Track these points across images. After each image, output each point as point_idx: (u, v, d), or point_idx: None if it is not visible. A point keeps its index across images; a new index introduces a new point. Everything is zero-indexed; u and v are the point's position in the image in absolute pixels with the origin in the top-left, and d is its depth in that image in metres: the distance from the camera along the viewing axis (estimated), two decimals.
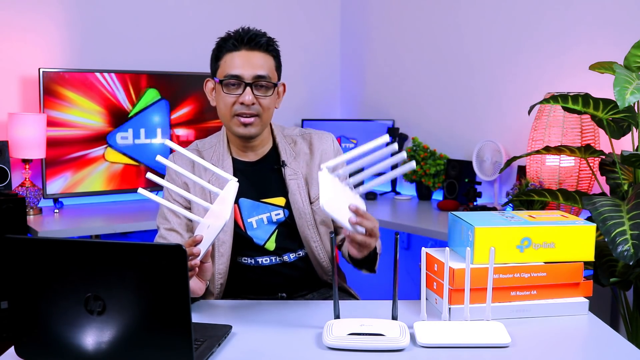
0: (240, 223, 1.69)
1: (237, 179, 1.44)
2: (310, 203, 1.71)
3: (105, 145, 3.04)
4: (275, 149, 1.74)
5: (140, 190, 1.43)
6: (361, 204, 1.48)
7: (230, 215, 1.44)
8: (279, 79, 1.70)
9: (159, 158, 1.45)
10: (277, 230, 1.71)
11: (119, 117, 3.07)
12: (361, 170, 1.47)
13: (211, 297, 1.69)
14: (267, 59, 1.65)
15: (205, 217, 1.46)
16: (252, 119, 1.63)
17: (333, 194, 1.40)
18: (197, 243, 1.35)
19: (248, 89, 1.61)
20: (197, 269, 1.40)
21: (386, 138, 1.41)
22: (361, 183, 1.50)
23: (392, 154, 1.44)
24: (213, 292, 1.68)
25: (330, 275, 1.75)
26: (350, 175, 1.49)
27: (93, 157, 3.03)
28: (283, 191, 1.71)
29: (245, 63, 1.62)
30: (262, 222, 1.70)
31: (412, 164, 1.39)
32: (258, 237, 1.70)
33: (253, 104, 1.62)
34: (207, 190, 1.65)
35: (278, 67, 1.69)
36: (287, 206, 1.71)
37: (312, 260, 1.73)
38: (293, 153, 1.73)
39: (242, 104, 1.62)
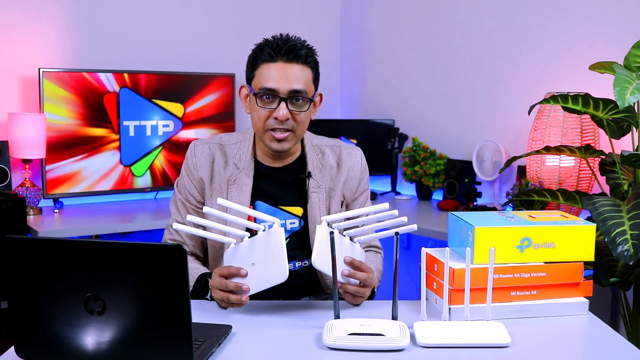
0: None
1: (280, 222, 1.44)
2: None
3: (104, 145, 3.05)
4: (302, 158, 1.71)
5: (176, 225, 1.45)
6: (359, 255, 1.51)
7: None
8: (316, 89, 1.65)
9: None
10: (288, 240, 1.69)
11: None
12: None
13: None
14: (304, 72, 1.59)
15: (240, 245, 1.46)
16: (285, 134, 1.59)
17: (328, 247, 1.41)
18: (242, 276, 1.39)
19: (283, 104, 1.56)
20: (245, 303, 1.42)
21: (386, 205, 1.44)
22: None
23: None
24: None
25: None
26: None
27: (93, 156, 3.03)
28: (302, 201, 1.70)
29: (282, 76, 1.56)
30: None
31: (414, 227, 1.43)
32: None
33: (287, 119, 1.57)
34: (225, 189, 1.66)
35: (316, 79, 1.64)
36: (304, 217, 1.70)
37: (319, 273, 1.72)
38: (320, 165, 1.70)
39: (275, 118, 1.57)
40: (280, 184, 1.70)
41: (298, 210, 1.70)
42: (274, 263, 1.40)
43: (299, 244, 1.70)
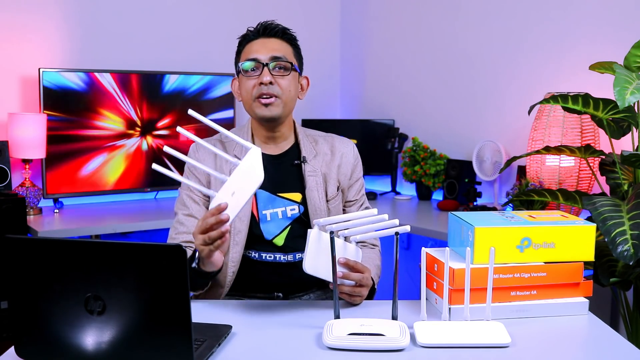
0: (256, 213, 1.70)
1: (257, 147, 1.42)
2: (327, 201, 1.73)
3: (104, 145, 3.05)
4: (297, 145, 1.77)
5: (155, 165, 1.39)
6: (353, 254, 1.52)
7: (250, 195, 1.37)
8: (300, 67, 1.75)
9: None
10: (289, 227, 1.71)
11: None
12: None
13: (220, 289, 1.68)
14: (283, 45, 1.71)
15: (221, 190, 1.42)
16: (272, 99, 1.65)
17: (320, 251, 1.42)
18: (221, 211, 1.34)
19: (266, 69, 1.65)
20: (227, 235, 1.37)
21: (374, 211, 1.44)
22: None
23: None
24: (223, 282, 1.67)
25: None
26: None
27: (93, 157, 3.03)
28: (300, 187, 1.73)
29: (262, 47, 1.68)
30: (277, 216, 1.71)
31: (407, 228, 1.42)
32: (269, 231, 1.70)
33: (271, 83, 1.64)
34: (229, 172, 1.66)
35: (297, 57, 1.74)
36: (303, 202, 1.72)
37: None
38: (314, 151, 1.76)
39: (261, 84, 1.64)
40: (278, 172, 1.73)
41: (297, 197, 1.72)
42: (250, 173, 1.36)
43: (300, 231, 1.71)
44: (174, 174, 1.40)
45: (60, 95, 2.90)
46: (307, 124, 3.65)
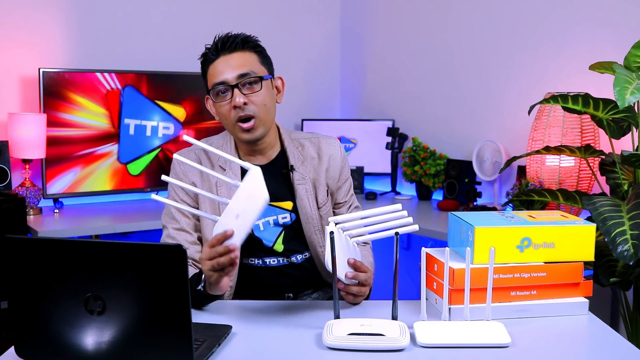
0: None
1: (256, 165, 1.42)
2: (318, 208, 1.72)
3: (104, 146, 3.05)
4: (283, 152, 1.73)
5: (154, 196, 1.40)
6: (357, 255, 1.52)
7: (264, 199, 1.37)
8: (270, 73, 1.69)
9: (177, 157, 1.46)
10: (283, 232, 1.71)
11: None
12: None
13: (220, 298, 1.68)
14: (247, 56, 1.63)
15: (224, 214, 1.41)
16: (251, 122, 1.61)
17: (337, 248, 1.41)
18: (227, 237, 1.34)
19: (236, 90, 1.60)
20: (237, 261, 1.36)
21: (399, 207, 1.43)
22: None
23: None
24: (223, 296, 1.66)
25: None
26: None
27: (93, 157, 3.03)
28: (291, 195, 1.71)
29: (225, 67, 1.61)
30: (269, 224, 1.70)
31: (415, 227, 1.42)
32: (266, 239, 1.70)
33: (245, 103, 1.60)
34: (215, 190, 1.66)
35: (264, 62, 1.67)
36: (294, 210, 1.71)
37: (318, 264, 1.73)
38: (301, 157, 1.73)
39: (235, 107, 1.60)
40: (267, 182, 1.69)
41: (288, 205, 1.71)
42: (253, 194, 1.35)
43: (294, 235, 1.72)
44: (173, 202, 1.46)
45: (59, 95, 2.90)
46: (308, 124, 3.65)
